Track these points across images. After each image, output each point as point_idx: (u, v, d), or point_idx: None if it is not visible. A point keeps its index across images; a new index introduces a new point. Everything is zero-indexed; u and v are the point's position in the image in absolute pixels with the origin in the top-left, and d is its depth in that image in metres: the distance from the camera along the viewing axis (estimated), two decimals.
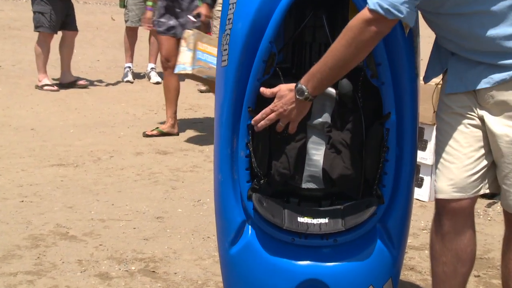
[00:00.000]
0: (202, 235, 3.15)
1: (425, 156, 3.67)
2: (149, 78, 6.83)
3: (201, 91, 6.44)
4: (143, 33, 7.32)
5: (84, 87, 6.35)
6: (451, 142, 1.95)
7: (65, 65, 6.35)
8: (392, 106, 1.92)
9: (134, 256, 2.90)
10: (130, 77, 6.77)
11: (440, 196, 1.97)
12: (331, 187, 2.09)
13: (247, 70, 1.93)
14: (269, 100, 2.05)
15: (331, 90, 2.03)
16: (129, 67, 6.84)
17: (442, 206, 1.99)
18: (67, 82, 6.34)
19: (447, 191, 1.95)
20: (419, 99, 2.03)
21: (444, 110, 1.98)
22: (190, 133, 5.07)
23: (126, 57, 6.84)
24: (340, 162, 2.03)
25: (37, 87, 6.19)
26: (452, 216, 1.97)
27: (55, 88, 6.24)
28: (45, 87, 6.19)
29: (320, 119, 2.06)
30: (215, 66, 4.24)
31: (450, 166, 1.95)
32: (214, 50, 4.27)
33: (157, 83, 6.72)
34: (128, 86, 6.73)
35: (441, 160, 1.97)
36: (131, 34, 6.80)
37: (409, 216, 2.08)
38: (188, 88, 6.58)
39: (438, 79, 2.07)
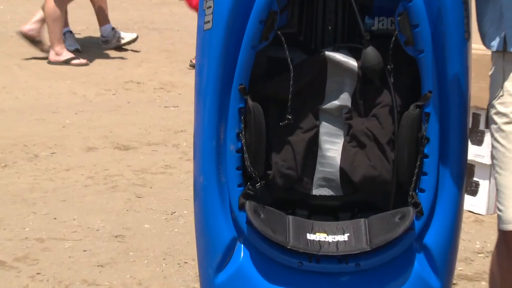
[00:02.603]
0: (177, 260, 3.18)
1: (481, 153, 3.70)
2: (119, 41, 6.80)
3: (192, 65, 6.41)
4: None
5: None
6: None
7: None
8: (434, 83, 1.96)
9: None
10: (75, 44, 6.77)
11: None
12: (351, 193, 2.12)
13: (239, 35, 1.96)
14: (271, 73, 2.09)
15: (352, 63, 2.06)
16: (69, 32, 6.82)
17: None
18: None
19: None
20: (472, 73, 2.06)
21: None
22: (161, 121, 5.09)
23: None
24: (364, 160, 2.07)
25: (52, 63, 6.22)
26: None
27: (85, 61, 6.35)
28: (74, 62, 6.26)
29: (336, 102, 2.09)
30: None
31: None
32: None
33: (134, 40, 6.73)
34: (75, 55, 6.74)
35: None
36: None
37: (457, 233, 2.12)
38: (159, 61, 6.61)
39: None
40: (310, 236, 2.00)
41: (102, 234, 3.41)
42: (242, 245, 2.06)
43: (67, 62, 6.29)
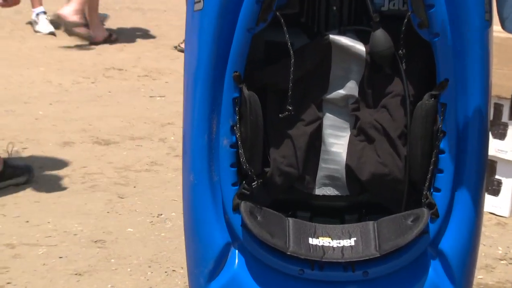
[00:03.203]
0: (164, 268, 3.19)
1: (504, 148, 3.70)
2: (34, 27, 6.86)
3: (181, 50, 6.38)
4: None
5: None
6: None
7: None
8: (451, 70, 1.96)
9: None
10: (49, 26, 6.77)
11: None
12: (358, 193, 2.14)
13: (233, 16, 1.96)
14: (269, 59, 2.09)
15: (359, 47, 2.07)
16: (42, 13, 6.83)
17: None
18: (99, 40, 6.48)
19: None
20: (493, 59, 2.06)
21: None
22: (146, 112, 5.10)
23: None
24: (372, 156, 2.08)
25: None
26: None
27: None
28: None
29: (342, 91, 2.10)
30: None
31: None
32: None
33: (50, 33, 6.76)
34: (49, 40, 6.74)
35: None
36: None
37: (477, 237, 2.12)
38: (144, 45, 6.60)
39: None
40: (313, 241, 2.01)
41: (80, 239, 3.41)
42: (237, 251, 2.07)
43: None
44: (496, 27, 2.08)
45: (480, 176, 2.07)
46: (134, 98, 5.36)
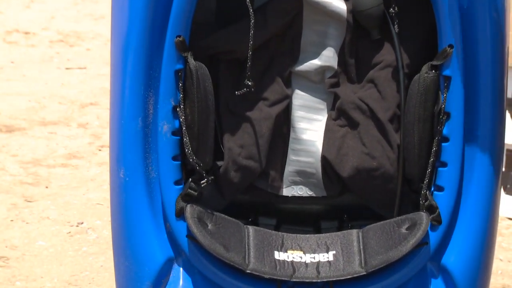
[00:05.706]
0: None
1: None
2: None
3: None
4: None
5: None
6: None
7: None
8: (456, 34, 1.98)
9: None
10: None
11: None
12: (339, 194, 2.16)
13: None
14: (222, 20, 2.09)
15: (338, 5, 2.07)
16: None
17: None
18: None
19: None
20: (511, 22, 2.09)
21: None
22: (61, 90, 5.08)
23: None
24: (356, 145, 2.10)
25: None
26: None
27: None
28: None
29: (316, 62, 2.12)
30: None
31: None
32: None
33: None
34: None
35: None
36: None
37: (490, 250, 2.15)
38: (58, 0, 6.58)
39: None
40: (280, 255, 2.03)
41: None
42: (181, 268, 2.09)
43: None
44: None
45: (495, 171, 2.10)
46: (45, 71, 5.34)
